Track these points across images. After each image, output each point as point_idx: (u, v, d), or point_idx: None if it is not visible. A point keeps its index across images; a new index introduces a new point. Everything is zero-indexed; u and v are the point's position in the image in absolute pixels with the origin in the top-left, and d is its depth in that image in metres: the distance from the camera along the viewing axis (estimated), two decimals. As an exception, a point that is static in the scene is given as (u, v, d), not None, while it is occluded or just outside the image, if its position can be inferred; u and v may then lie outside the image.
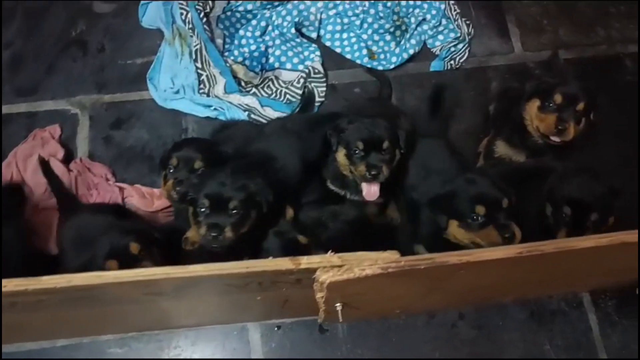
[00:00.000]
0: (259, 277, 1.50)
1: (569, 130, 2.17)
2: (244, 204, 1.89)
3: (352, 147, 2.10)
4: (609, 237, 1.44)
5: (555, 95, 2.19)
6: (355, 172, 2.12)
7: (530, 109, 2.28)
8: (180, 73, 2.78)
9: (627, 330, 2.45)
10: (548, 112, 2.20)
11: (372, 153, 2.09)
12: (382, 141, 2.10)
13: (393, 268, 1.41)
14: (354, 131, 2.12)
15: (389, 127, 2.14)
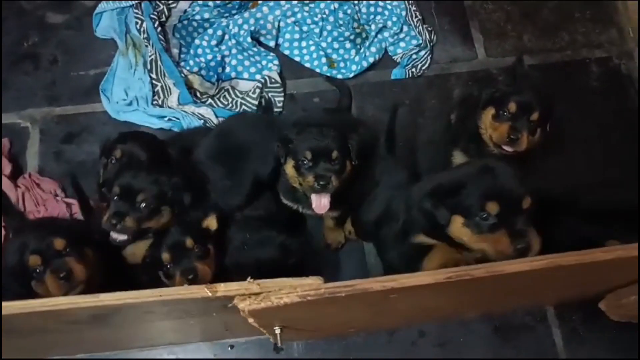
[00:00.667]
0: (176, 304, 1.42)
1: (522, 140, 2.09)
2: (153, 198, 1.93)
3: (300, 158, 2.02)
4: (544, 259, 1.36)
5: (509, 104, 2.11)
6: (304, 184, 2.05)
7: (486, 117, 2.20)
8: (134, 84, 2.70)
9: (593, 345, 2.38)
10: (502, 121, 2.13)
11: (321, 163, 2.01)
12: (331, 151, 2.01)
13: (312, 296, 1.33)
14: (302, 141, 2.03)
15: (339, 137, 2.05)
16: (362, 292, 1.34)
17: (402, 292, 1.41)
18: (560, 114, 2.67)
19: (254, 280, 1.38)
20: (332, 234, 2.48)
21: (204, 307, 1.51)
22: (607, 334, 2.37)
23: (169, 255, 1.89)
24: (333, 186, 2.01)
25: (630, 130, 2.73)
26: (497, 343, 2.38)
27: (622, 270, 1.72)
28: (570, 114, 2.71)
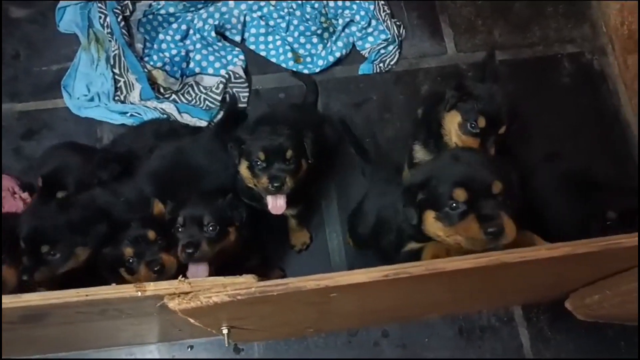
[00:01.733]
0: (106, 304, 1.36)
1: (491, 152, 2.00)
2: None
3: (254, 159, 1.97)
4: (486, 257, 1.30)
5: (479, 118, 1.99)
6: (259, 185, 1.99)
7: (451, 123, 2.08)
8: (96, 80, 2.65)
9: (560, 346, 2.35)
10: (469, 135, 2.01)
11: (275, 164, 1.95)
12: (285, 150, 1.96)
13: (243, 295, 1.28)
14: (255, 141, 1.98)
15: (293, 135, 1.99)
16: (296, 290, 1.29)
17: (341, 291, 1.35)
18: (532, 110, 2.66)
19: (185, 279, 1.33)
20: (296, 234, 2.42)
21: (138, 307, 1.46)
22: (574, 334, 2.34)
23: (131, 249, 1.83)
24: (288, 187, 1.96)
25: (602, 127, 2.69)
26: (462, 344, 2.33)
27: (578, 268, 1.67)
28: (541, 110, 2.67)
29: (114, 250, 1.84)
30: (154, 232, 1.83)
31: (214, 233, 1.85)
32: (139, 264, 1.81)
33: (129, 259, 1.82)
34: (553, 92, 2.73)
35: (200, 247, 1.81)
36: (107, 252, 1.87)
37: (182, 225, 1.86)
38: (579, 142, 2.65)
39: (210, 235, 1.85)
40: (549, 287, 2.07)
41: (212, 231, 1.85)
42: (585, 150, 2.64)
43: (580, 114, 2.70)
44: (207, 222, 1.85)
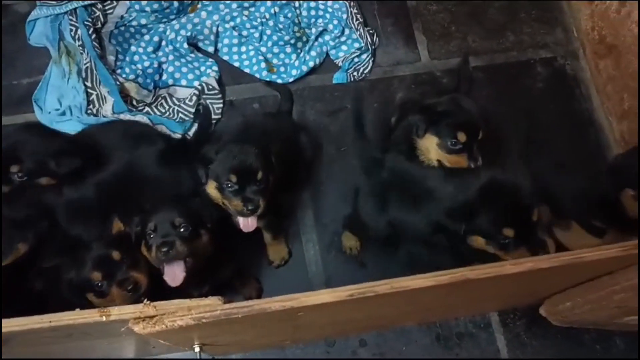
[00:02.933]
0: (70, 329, 1.35)
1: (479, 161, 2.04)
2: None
3: (224, 181, 1.92)
4: (449, 274, 1.31)
5: (458, 134, 2.00)
6: (231, 207, 1.96)
7: (429, 146, 2.08)
8: (68, 93, 2.62)
9: (536, 352, 2.36)
10: (454, 153, 2.03)
11: (247, 187, 1.92)
12: (256, 172, 1.92)
13: (208, 318, 1.27)
14: (223, 162, 1.93)
15: (261, 154, 1.95)
16: (261, 312, 1.28)
17: (307, 310, 1.35)
18: (506, 115, 2.67)
19: (151, 302, 1.32)
20: (273, 249, 2.40)
21: (105, 330, 1.44)
22: (550, 339, 2.35)
23: (99, 272, 1.78)
24: (262, 208, 1.94)
25: (576, 131, 2.71)
26: (439, 351, 2.34)
27: (548, 279, 1.68)
28: (515, 114, 2.68)
29: (78, 274, 1.79)
30: (118, 252, 1.80)
31: (187, 233, 1.84)
32: (109, 286, 1.78)
33: (97, 283, 1.77)
34: (527, 97, 2.75)
35: (175, 246, 1.80)
36: (71, 277, 1.81)
37: (154, 230, 1.84)
38: (553, 146, 2.67)
39: (183, 234, 1.83)
40: (522, 295, 2.08)
41: (184, 231, 1.83)
42: (559, 153, 2.65)
43: (554, 118, 2.72)
44: (179, 223, 1.84)
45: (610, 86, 2.62)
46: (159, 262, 1.83)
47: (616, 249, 1.36)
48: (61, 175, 2.09)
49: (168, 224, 1.83)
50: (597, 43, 2.67)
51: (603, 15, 2.61)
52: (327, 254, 2.44)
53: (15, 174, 2.03)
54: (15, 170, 2.03)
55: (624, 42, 2.49)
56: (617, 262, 1.53)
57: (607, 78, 2.64)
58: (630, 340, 2.33)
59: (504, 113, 2.67)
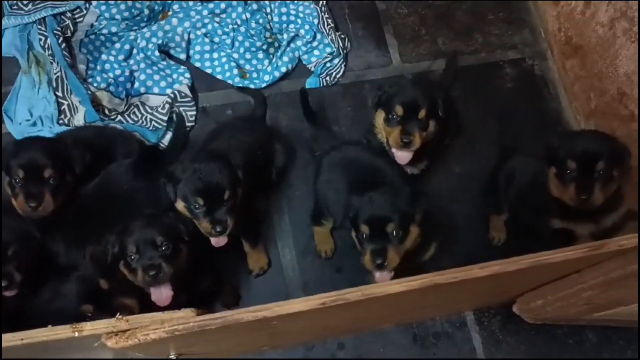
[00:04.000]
0: (44, 346, 1.34)
1: (415, 141, 2.13)
2: None
3: (192, 203, 1.91)
4: (419, 279, 1.33)
5: (396, 107, 2.13)
6: (199, 226, 1.95)
7: (378, 120, 2.24)
8: (38, 104, 2.59)
9: (511, 348, 2.40)
10: (392, 125, 2.16)
11: (214, 207, 1.91)
12: (223, 192, 1.91)
13: (181, 331, 1.28)
14: (190, 184, 1.91)
15: (227, 171, 1.94)
16: (234, 322, 1.29)
17: (280, 319, 1.36)
18: (476, 115, 2.72)
19: (123, 316, 1.32)
20: (253, 258, 2.40)
21: (79, 345, 1.44)
22: (524, 336, 2.39)
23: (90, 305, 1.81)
24: (230, 228, 1.93)
25: (544, 130, 2.76)
26: (416, 352, 2.37)
27: (517, 279, 1.72)
28: (485, 115, 2.73)
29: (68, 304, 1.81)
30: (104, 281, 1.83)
31: (169, 251, 1.83)
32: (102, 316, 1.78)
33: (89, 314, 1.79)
34: (496, 97, 2.79)
35: (162, 268, 1.80)
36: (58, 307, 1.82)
37: (136, 252, 1.83)
38: (524, 145, 2.71)
39: (166, 254, 1.83)
40: (495, 295, 2.12)
41: (166, 250, 1.83)
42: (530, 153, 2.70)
43: (523, 117, 2.76)
44: (161, 243, 1.83)
45: (577, 86, 2.68)
46: (146, 285, 1.83)
47: (581, 250, 1.39)
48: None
49: (150, 244, 1.82)
50: (564, 44, 2.73)
51: (569, 17, 2.66)
52: (304, 259, 2.45)
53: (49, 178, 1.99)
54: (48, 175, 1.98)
55: (589, 42, 2.55)
56: (585, 261, 1.57)
57: (574, 78, 2.70)
58: (601, 333, 2.39)
59: (473, 112, 2.71)
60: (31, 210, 1.93)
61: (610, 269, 1.56)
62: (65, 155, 2.04)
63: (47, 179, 1.96)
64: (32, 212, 1.94)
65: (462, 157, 2.64)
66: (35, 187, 1.94)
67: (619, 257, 1.51)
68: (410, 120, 2.13)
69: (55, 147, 2.05)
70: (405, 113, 2.12)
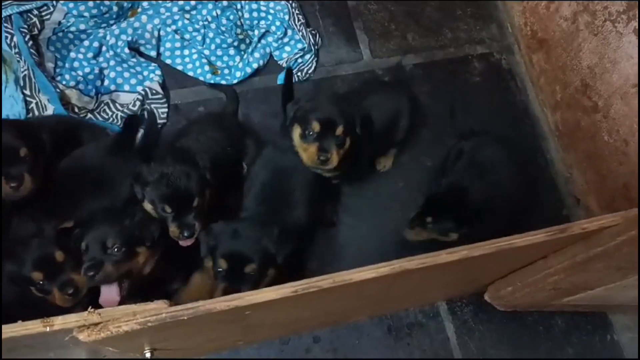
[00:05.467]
0: (12, 343, 1.33)
1: (332, 159, 2.05)
2: None
3: (159, 208, 1.91)
4: (389, 265, 1.35)
5: (312, 123, 2.05)
6: (169, 231, 1.95)
7: (295, 136, 2.13)
8: (5, 102, 2.55)
9: (484, 336, 2.45)
10: (309, 142, 2.07)
11: (182, 213, 1.91)
12: (192, 199, 1.91)
13: (153, 322, 1.28)
14: (157, 189, 1.90)
15: (196, 176, 1.93)
16: (206, 312, 1.29)
17: (253, 308, 1.37)
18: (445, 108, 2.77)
19: (95, 309, 1.31)
20: None
21: (50, 341, 1.43)
22: (495, 324, 2.46)
23: (39, 273, 1.76)
24: (198, 232, 1.93)
25: (512, 122, 2.83)
26: (391, 343, 2.40)
27: (485, 266, 1.76)
28: (454, 108, 2.78)
29: (20, 271, 1.77)
30: (61, 253, 1.79)
31: (120, 254, 1.81)
32: (50, 285, 1.77)
33: (38, 282, 1.76)
34: (465, 91, 2.85)
35: (103, 269, 1.77)
36: (11, 269, 1.78)
37: (85, 250, 1.81)
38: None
39: (115, 257, 1.80)
40: (465, 283, 2.16)
41: (117, 252, 1.81)
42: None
43: (491, 110, 2.83)
44: (112, 244, 1.81)
45: (543, 79, 2.75)
46: (88, 284, 1.81)
47: (544, 234, 1.44)
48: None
49: (99, 244, 1.80)
50: (530, 38, 2.79)
51: (534, 11, 2.73)
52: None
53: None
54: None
55: (554, 36, 2.61)
56: (549, 246, 1.62)
57: (540, 71, 2.77)
58: (569, 319, 2.46)
59: (443, 106, 2.76)
60: (12, 190, 1.87)
61: (574, 252, 1.61)
62: (35, 136, 1.98)
63: (24, 158, 1.90)
64: (14, 193, 1.88)
65: (431, 150, 2.68)
66: (13, 168, 1.88)
67: (582, 241, 1.57)
68: (327, 137, 2.05)
69: (25, 127, 1.99)
70: (322, 129, 2.04)
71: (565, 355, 2.43)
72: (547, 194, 2.72)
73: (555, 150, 2.76)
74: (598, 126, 2.41)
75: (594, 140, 2.46)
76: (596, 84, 2.39)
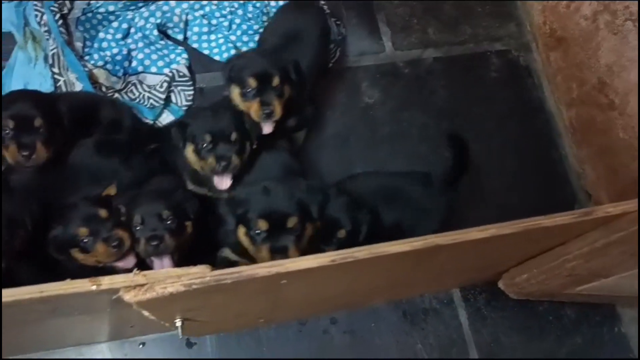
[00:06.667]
0: (59, 301, 1.38)
1: (276, 111, 2.09)
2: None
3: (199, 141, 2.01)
4: (423, 240, 1.42)
5: (248, 80, 2.07)
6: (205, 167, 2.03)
7: (234, 96, 2.15)
8: (34, 79, 2.60)
9: (496, 324, 2.51)
10: (249, 99, 2.08)
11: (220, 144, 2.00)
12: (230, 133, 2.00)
13: (197, 284, 1.33)
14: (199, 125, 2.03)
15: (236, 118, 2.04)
16: (249, 278, 1.35)
17: (290, 277, 1.43)
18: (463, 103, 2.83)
19: (140, 271, 1.37)
20: None
21: (91, 303, 1.48)
22: (507, 312, 2.51)
23: (86, 228, 1.82)
24: (234, 166, 2.01)
25: (527, 118, 2.90)
26: (406, 327, 2.46)
27: (506, 249, 1.82)
28: (472, 103, 2.85)
29: (65, 231, 1.83)
30: (105, 210, 1.85)
31: (174, 226, 1.88)
32: (94, 242, 1.82)
33: (83, 238, 1.82)
34: (483, 86, 2.92)
35: (164, 240, 1.85)
36: (56, 233, 1.85)
37: (141, 222, 1.88)
38: (507, 132, 2.85)
39: (170, 227, 1.88)
40: (481, 269, 2.23)
41: (171, 224, 1.88)
42: (513, 138, 2.84)
43: (508, 106, 2.90)
44: (167, 216, 1.88)
45: (560, 76, 2.81)
46: (147, 255, 1.88)
47: (569, 216, 1.50)
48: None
49: (155, 217, 1.87)
50: (548, 36, 2.86)
51: (553, 10, 2.79)
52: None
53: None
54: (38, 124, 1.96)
55: (572, 35, 2.68)
56: (571, 230, 1.68)
57: (557, 69, 2.83)
58: (579, 310, 2.53)
59: (460, 100, 2.82)
60: (24, 159, 1.92)
61: (595, 238, 1.68)
62: (54, 108, 2.04)
63: (38, 129, 1.95)
64: (25, 162, 1.93)
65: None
66: (26, 136, 1.94)
67: (603, 227, 1.63)
68: (266, 91, 2.07)
69: (44, 99, 2.05)
70: (259, 84, 2.07)
71: (574, 344, 2.49)
72: (560, 189, 2.79)
73: (568, 146, 2.83)
74: (613, 123, 2.48)
75: (608, 136, 2.53)
76: (613, 81, 2.46)
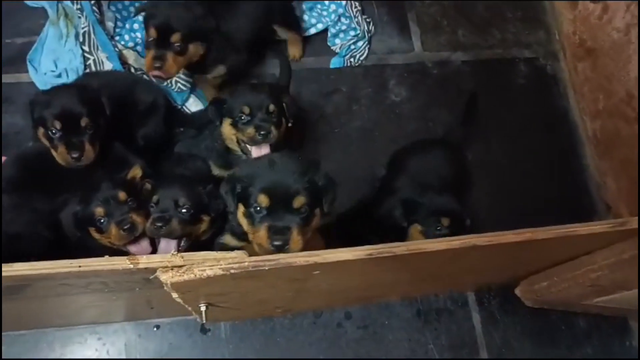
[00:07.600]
0: (95, 276, 1.39)
1: (169, 64, 2.09)
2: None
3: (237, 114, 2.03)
4: (460, 239, 1.42)
5: (151, 30, 2.06)
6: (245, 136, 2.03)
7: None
8: (64, 56, 2.60)
9: (508, 328, 2.53)
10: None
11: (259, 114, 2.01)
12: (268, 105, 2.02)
13: (236, 269, 1.34)
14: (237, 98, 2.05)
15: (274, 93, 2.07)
16: (286, 266, 1.36)
17: (325, 268, 1.44)
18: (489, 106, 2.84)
19: (178, 253, 1.38)
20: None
21: (126, 281, 1.49)
22: (520, 318, 2.52)
23: (102, 209, 1.84)
24: (273, 136, 2.00)
25: (550, 126, 2.90)
26: (419, 325, 2.47)
27: (534, 254, 1.83)
28: (498, 107, 2.85)
29: (84, 210, 1.85)
30: (124, 193, 1.86)
31: (187, 215, 1.89)
32: (109, 223, 1.83)
33: (99, 218, 1.84)
34: (509, 92, 2.92)
35: (170, 224, 1.85)
36: (78, 211, 1.87)
37: (156, 203, 1.90)
38: (530, 138, 2.85)
39: (183, 216, 1.88)
40: (502, 271, 2.23)
41: (185, 213, 1.89)
42: (535, 146, 2.84)
43: (532, 113, 2.90)
44: (182, 204, 1.89)
45: (587, 87, 2.81)
46: (151, 234, 1.89)
47: (605, 225, 1.51)
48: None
49: (171, 200, 1.88)
50: (577, 46, 2.86)
51: (585, 21, 2.79)
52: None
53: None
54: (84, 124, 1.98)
55: (603, 46, 2.68)
56: (600, 240, 1.69)
57: (584, 79, 2.83)
58: (591, 321, 2.54)
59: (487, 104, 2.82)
60: (74, 160, 1.95)
61: (623, 249, 1.68)
62: (95, 100, 2.05)
63: (85, 128, 1.97)
64: (75, 163, 1.96)
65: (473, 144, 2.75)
66: (74, 137, 1.95)
67: (632, 239, 1.64)
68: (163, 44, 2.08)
69: (86, 94, 2.05)
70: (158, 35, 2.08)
71: (584, 354, 2.50)
72: (579, 199, 2.79)
73: (590, 157, 2.84)
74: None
75: (633, 149, 2.53)
76: (643, 95, 2.46)
